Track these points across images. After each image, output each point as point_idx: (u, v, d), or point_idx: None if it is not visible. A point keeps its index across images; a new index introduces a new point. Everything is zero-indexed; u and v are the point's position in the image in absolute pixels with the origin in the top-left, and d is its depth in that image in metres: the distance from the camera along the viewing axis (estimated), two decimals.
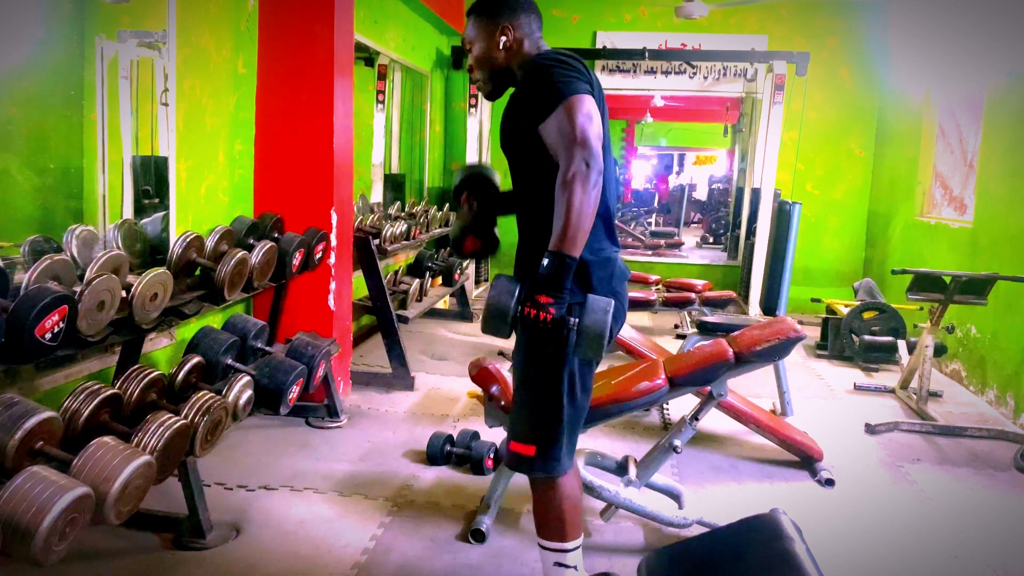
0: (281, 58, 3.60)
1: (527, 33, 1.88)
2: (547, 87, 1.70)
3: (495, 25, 1.86)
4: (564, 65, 1.73)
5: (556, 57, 1.77)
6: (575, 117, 1.64)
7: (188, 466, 2.38)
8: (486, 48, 1.88)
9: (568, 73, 1.71)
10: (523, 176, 1.87)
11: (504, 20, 1.85)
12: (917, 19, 6.16)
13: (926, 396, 4.06)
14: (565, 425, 1.83)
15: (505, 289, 1.68)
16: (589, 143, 1.63)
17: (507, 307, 1.66)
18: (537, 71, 1.76)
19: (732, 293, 5.76)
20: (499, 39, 1.86)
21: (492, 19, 1.87)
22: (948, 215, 5.50)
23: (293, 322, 3.68)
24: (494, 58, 1.89)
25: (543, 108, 1.69)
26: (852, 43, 6.84)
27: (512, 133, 1.84)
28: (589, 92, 1.71)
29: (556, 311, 1.63)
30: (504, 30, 1.85)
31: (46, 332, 1.96)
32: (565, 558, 1.90)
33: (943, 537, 2.73)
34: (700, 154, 15.35)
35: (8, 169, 2.72)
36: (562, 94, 1.67)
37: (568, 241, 1.62)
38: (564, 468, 1.86)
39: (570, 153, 1.63)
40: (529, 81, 1.78)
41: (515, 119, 1.82)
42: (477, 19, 1.90)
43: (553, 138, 1.68)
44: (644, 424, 3.78)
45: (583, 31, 7.17)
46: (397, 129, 6.23)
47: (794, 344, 2.52)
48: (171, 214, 3.09)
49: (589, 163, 1.62)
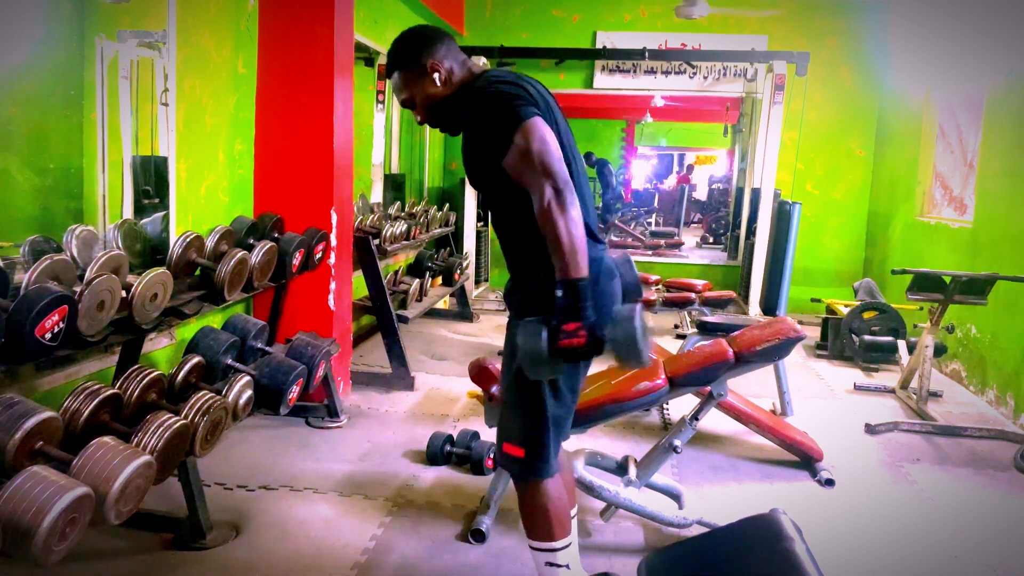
0: (281, 58, 3.60)
1: (453, 59, 1.88)
2: (496, 120, 1.70)
3: (422, 68, 1.85)
4: (504, 93, 1.72)
5: (496, 83, 1.75)
6: (532, 146, 1.65)
7: (188, 466, 2.38)
8: (424, 92, 1.87)
9: (513, 101, 1.70)
10: (497, 203, 1.88)
11: (427, 59, 1.85)
12: (917, 19, 6.16)
13: (926, 396, 4.06)
14: (551, 428, 1.84)
15: (531, 332, 1.66)
16: (552, 168, 1.63)
17: (541, 350, 1.65)
18: (482, 103, 1.75)
19: (732, 293, 5.75)
20: (432, 77, 1.85)
21: (416, 64, 1.86)
22: (948, 215, 5.50)
23: (293, 322, 3.68)
24: (434, 96, 1.87)
25: (499, 143, 1.69)
26: (852, 43, 6.84)
27: (476, 168, 1.84)
28: (537, 112, 1.70)
29: (587, 332, 1.63)
30: (433, 67, 1.85)
31: (46, 332, 1.96)
32: (555, 557, 1.91)
33: (943, 537, 2.73)
34: (700, 154, 15.34)
35: (8, 169, 2.72)
36: (513, 124, 1.67)
37: (571, 266, 1.63)
38: (553, 470, 1.87)
39: (538, 184, 1.64)
40: (478, 114, 1.77)
41: (475, 155, 1.82)
42: (402, 73, 1.89)
43: (518, 171, 1.69)
44: (644, 424, 3.78)
45: (583, 31, 7.17)
46: (397, 129, 6.23)
47: (794, 344, 2.52)
48: (171, 214, 3.09)
49: (559, 188, 1.63)
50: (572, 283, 1.63)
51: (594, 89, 7.24)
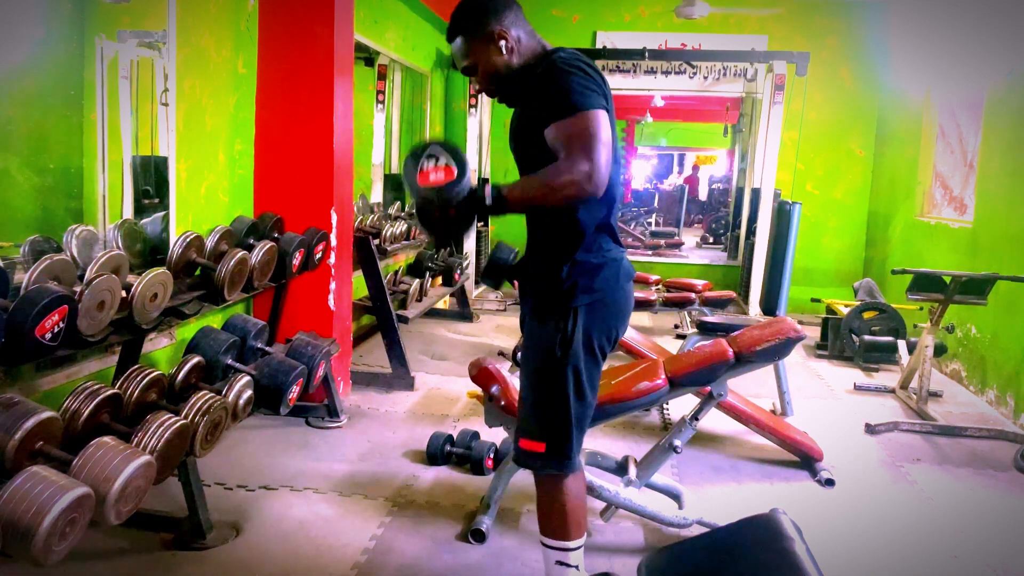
0: (281, 58, 3.59)
1: (521, 28, 1.82)
2: (566, 94, 1.67)
3: (488, 34, 1.78)
4: (584, 74, 1.70)
5: (576, 63, 1.72)
6: (594, 135, 1.63)
7: (188, 466, 2.38)
8: (490, 60, 1.80)
9: (588, 84, 1.68)
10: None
11: (495, 25, 1.78)
12: (917, 19, 6.16)
13: (926, 396, 4.06)
14: (573, 421, 1.83)
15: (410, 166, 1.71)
16: (597, 160, 1.61)
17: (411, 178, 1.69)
18: (558, 75, 1.71)
19: (732, 293, 5.75)
20: (499, 44, 1.78)
21: (482, 30, 1.78)
22: (948, 215, 5.50)
23: (293, 322, 3.68)
24: (501, 66, 1.81)
25: (556, 112, 1.67)
26: (852, 43, 6.84)
27: (524, 136, 1.80)
28: (604, 107, 1.69)
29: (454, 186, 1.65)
30: (500, 34, 1.78)
31: (46, 332, 1.96)
32: (567, 557, 1.90)
33: (943, 537, 2.73)
34: (700, 154, 15.35)
35: (8, 169, 2.72)
36: (580, 106, 1.65)
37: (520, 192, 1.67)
38: (576, 465, 1.86)
39: (577, 159, 1.61)
40: (548, 84, 1.72)
41: (529, 120, 1.77)
42: (466, 39, 1.81)
43: (559, 141, 1.66)
44: (644, 424, 3.78)
45: (583, 31, 7.17)
46: (397, 129, 6.23)
47: (794, 344, 2.52)
48: (171, 214, 3.09)
49: (591, 184, 1.61)
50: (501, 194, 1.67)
51: None
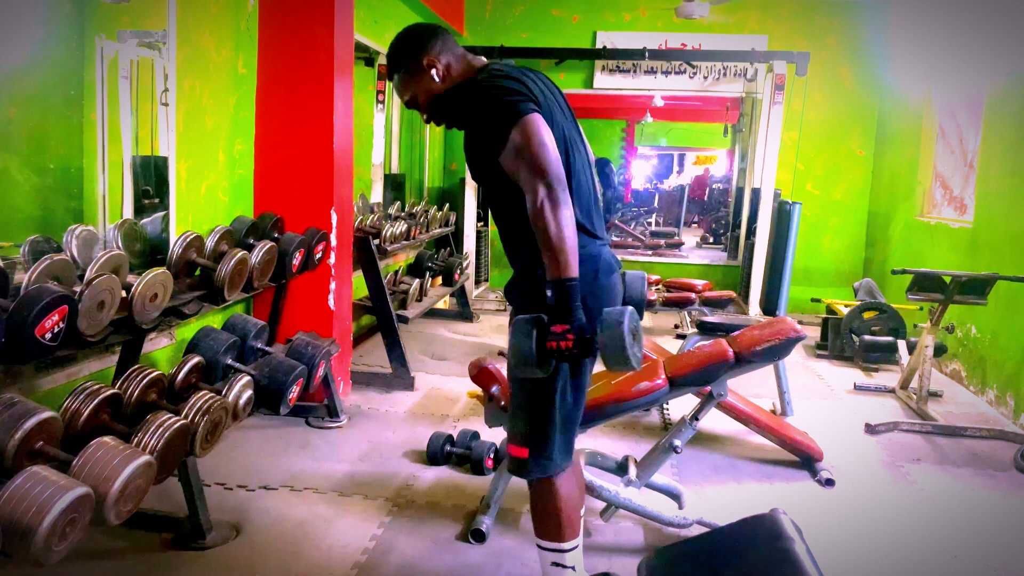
0: (281, 58, 3.60)
1: (450, 54, 1.88)
2: (494, 116, 1.70)
3: (419, 66, 1.86)
4: (503, 89, 1.72)
5: (493, 79, 1.76)
6: (527, 145, 1.65)
7: (188, 466, 2.38)
8: (425, 89, 1.88)
9: (510, 96, 1.70)
10: (497, 198, 1.88)
11: (423, 56, 1.85)
12: (917, 19, 6.15)
13: (926, 396, 4.06)
14: (558, 425, 1.84)
15: (521, 332, 1.67)
16: (546, 168, 1.64)
17: (530, 350, 1.65)
18: (481, 98, 1.75)
19: (732, 293, 5.76)
20: (431, 74, 1.86)
21: (414, 64, 1.86)
22: (948, 215, 5.50)
23: (293, 322, 3.68)
24: (435, 92, 1.88)
25: (497, 139, 1.69)
26: (852, 43, 6.84)
27: (475, 164, 1.85)
28: (535, 109, 1.70)
29: (575, 335, 1.64)
30: (430, 62, 1.85)
31: (46, 332, 1.96)
32: (563, 558, 1.90)
33: (943, 537, 2.73)
34: (700, 154, 15.35)
35: (8, 169, 2.72)
36: (509, 122, 1.67)
37: (561, 266, 1.63)
38: (557, 467, 1.86)
39: (532, 183, 1.64)
40: (476, 109, 1.77)
41: (474, 150, 1.82)
42: (401, 75, 1.90)
43: (513, 169, 1.69)
44: (644, 424, 3.78)
45: (583, 31, 7.17)
46: (397, 129, 6.23)
47: (794, 344, 2.52)
48: (171, 214, 3.09)
49: (551, 186, 1.63)
50: (562, 283, 1.64)
51: (594, 89, 7.24)
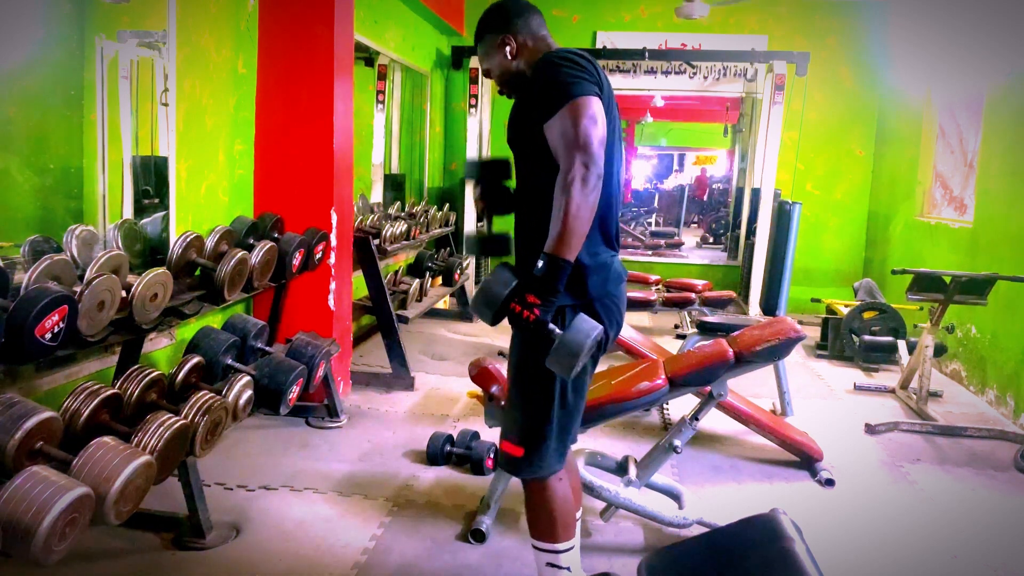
0: (281, 58, 3.60)
1: (528, 34, 1.91)
2: (554, 86, 1.70)
3: (496, 41, 1.92)
4: (572, 64, 1.72)
5: (566, 56, 1.76)
6: (579, 119, 1.64)
7: (188, 466, 2.38)
8: (498, 63, 1.94)
9: (576, 73, 1.70)
10: (528, 172, 1.87)
11: (502, 33, 1.90)
12: (917, 19, 6.16)
13: (926, 396, 4.06)
14: (554, 426, 1.83)
15: (501, 280, 1.68)
16: (591, 147, 1.62)
17: (498, 297, 1.66)
18: (545, 69, 1.76)
19: (732, 293, 5.75)
20: (504, 50, 1.91)
21: (492, 37, 1.93)
22: (948, 215, 5.50)
23: (293, 322, 3.68)
24: (507, 68, 1.93)
25: (549, 107, 1.69)
26: (852, 43, 6.84)
27: (519, 128, 1.85)
28: (597, 93, 1.70)
29: (541, 313, 1.64)
30: (505, 40, 1.90)
31: (46, 332, 1.96)
32: (558, 559, 1.91)
33: (943, 537, 2.73)
34: (700, 154, 15.36)
35: (8, 169, 2.72)
36: (568, 95, 1.67)
37: (563, 244, 1.62)
38: (552, 469, 1.87)
39: (571, 156, 1.63)
40: (537, 78, 1.78)
41: (523, 115, 1.83)
42: (481, 45, 1.97)
43: (556, 139, 1.68)
44: (644, 424, 3.78)
45: (583, 31, 7.17)
46: (397, 129, 6.23)
47: (794, 344, 2.52)
48: (171, 214, 3.09)
49: (589, 166, 1.61)
50: (555, 260, 1.63)
51: None
